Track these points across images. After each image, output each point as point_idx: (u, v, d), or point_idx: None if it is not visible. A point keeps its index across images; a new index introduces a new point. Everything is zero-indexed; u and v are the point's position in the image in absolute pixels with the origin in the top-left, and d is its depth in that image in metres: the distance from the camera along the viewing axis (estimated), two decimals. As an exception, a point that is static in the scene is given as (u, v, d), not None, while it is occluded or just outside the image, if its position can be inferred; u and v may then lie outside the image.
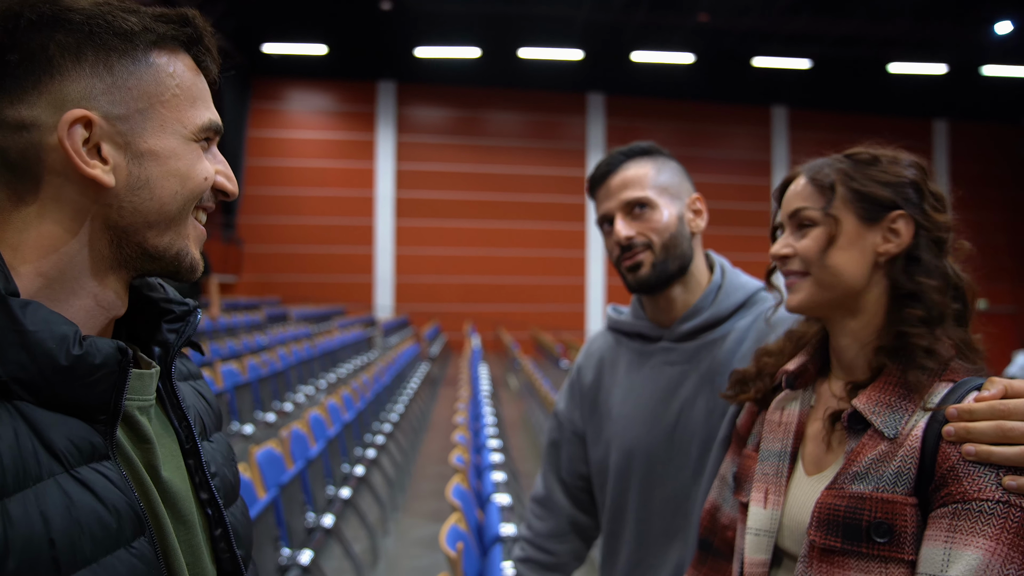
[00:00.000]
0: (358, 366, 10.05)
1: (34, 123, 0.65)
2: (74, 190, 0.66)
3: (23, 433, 0.58)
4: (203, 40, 0.74)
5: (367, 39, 16.36)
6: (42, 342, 0.60)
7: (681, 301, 1.41)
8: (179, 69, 0.71)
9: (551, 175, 18.08)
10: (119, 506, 0.62)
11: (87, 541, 0.58)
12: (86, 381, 0.62)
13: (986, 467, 0.86)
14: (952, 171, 19.52)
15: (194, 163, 0.71)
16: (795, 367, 1.09)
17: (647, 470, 1.39)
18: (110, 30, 0.67)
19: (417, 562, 4.42)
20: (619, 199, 1.39)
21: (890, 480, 0.91)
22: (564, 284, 18.10)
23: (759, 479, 1.07)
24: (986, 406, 0.88)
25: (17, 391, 0.59)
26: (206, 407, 0.84)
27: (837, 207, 1.02)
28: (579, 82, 17.91)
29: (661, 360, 1.42)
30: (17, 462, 0.56)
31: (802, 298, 1.04)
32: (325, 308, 15.56)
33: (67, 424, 0.61)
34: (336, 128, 17.74)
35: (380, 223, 17.52)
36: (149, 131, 0.69)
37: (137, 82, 0.68)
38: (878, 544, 0.89)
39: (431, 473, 6.36)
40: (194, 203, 0.72)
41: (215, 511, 0.75)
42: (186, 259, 0.73)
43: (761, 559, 1.03)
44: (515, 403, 10.18)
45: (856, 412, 0.97)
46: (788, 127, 19.02)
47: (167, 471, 0.70)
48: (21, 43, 0.64)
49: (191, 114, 0.72)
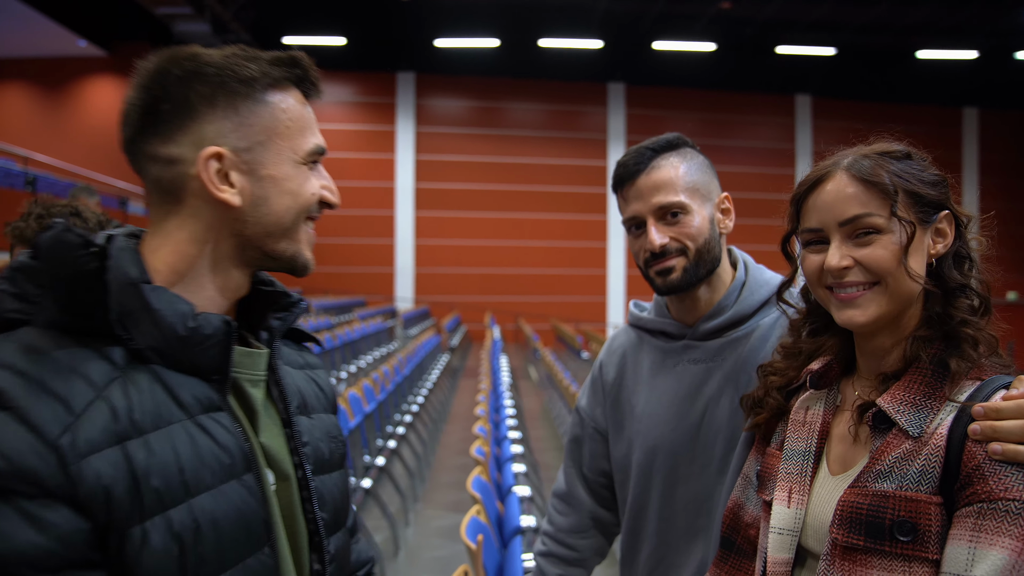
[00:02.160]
0: (379, 357, 10.09)
1: (181, 158, 0.83)
2: (209, 209, 0.84)
3: (156, 388, 0.77)
4: (309, 76, 0.90)
5: (386, 30, 16.37)
6: (166, 317, 0.78)
7: (705, 300, 1.39)
8: (290, 104, 0.88)
9: (571, 165, 18.00)
10: (231, 447, 0.80)
11: (207, 471, 0.77)
12: (202, 347, 0.80)
13: (1013, 466, 0.84)
14: (981, 160, 19.14)
15: (303, 183, 0.88)
16: (820, 366, 1.07)
17: (670, 468, 1.37)
18: (236, 78, 0.84)
19: (437, 552, 4.44)
20: (651, 203, 1.33)
21: (914, 479, 0.90)
22: (584, 275, 18.04)
23: (783, 478, 1.05)
24: (1014, 404, 0.86)
25: (151, 356, 0.78)
26: (316, 391, 1.00)
27: (902, 210, 0.96)
28: (599, 71, 17.79)
29: (685, 358, 1.40)
30: (153, 409, 0.75)
31: (873, 313, 0.97)
32: (346, 299, 15.65)
33: (190, 382, 0.80)
34: (356, 119, 17.78)
35: (400, 214, 17.56)
36: (268, 159, 0.85)
37: (257, 119, 0.85)
38: (901, 543, 0.88)
39: (451, 464, 6.39)
40: (305, 215, 0.89)
41: (303, 474, 0.89)
42: (299, 260, 0.90)
43: (784, 558, 1.02)
44: (535, 394, 10.18)
45: (881, 412, 0.96)
46: (812, 116, 18.75)
47: (267, 436, 0.87)
48: (171, 95, 0.82)
49: (300, 142, 0.88)
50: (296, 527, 0.88)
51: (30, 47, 15.08)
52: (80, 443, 0.69)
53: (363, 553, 1.09)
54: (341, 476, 0.98)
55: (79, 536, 0.68)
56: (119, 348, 0.76)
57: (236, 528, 0.78)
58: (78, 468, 0.68)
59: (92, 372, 0.73)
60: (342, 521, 0.96)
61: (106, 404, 0.72)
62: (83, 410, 0.71)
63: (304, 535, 0.88)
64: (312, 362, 1.06)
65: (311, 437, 0.93)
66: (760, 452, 1.17)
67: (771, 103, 18.72)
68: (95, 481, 0.69)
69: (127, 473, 0.71)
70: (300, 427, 0.91)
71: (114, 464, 0.70)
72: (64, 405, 0.70)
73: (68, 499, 0.68)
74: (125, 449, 0.72)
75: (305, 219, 0.90)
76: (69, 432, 0.69)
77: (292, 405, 0.92)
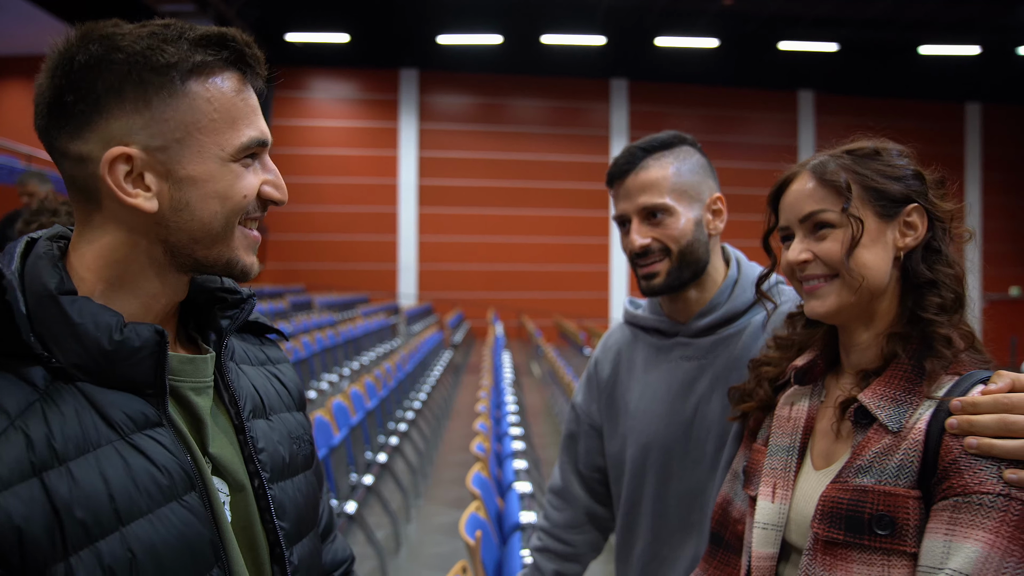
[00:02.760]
0: (381, 354, 10.11)
1: (89, 156, 0.74)
2: (126, 212, 0.75)
3: (83, 408, 0.70)
4: (245, 56, 0.79)
5: (389, 27, 16.36)
6: (88, 331, 0.71)
7: (696, 299, 1.41)
8: (217, 92, 0.77)
9: (574, 162, 17.98)
10: (170, 466, 0.73)
11: (143, 496, 0.70)
12: (130, 361, 0.72)
13: (988, 460, 0.86)
14: (985, 155, 19.08)
15: (232, 183, 0.77)
16: (804, 363, 1.09)
17: (663, 464, 1.39)
18: (148, 66, 0.73)
19: (439, 548, 4.45)
20: (636, 203, 1.36)
21: (893, 473, 0.91)
22: (587, 271, 18.03)
23: (767, 473, 1.07)
24: (990, 399, 0.88)
25: (76, 374, 0.71)
26: (278, 389, 0.93)
27: (856, 207, 1.00)
28: (602, 68, 17.75)
29: (678, 355, 1.41)
30: (77, 433, 0.68)
31: (832, 303, 1.01)
32: (349, 296, 15.66)
33: (121, 399, 0.72)
34: (359, 116, 17.78)
35: (403, 211, 17.56)
36: (187, 158, 0.75)
37: (174, 113, 0.75)
38: (880, 536, 0.90)
39: (453, 460, 6.40)
40: (237, 218, 0.79)
41: (259, 483, 0.83)
42: (236, 266, 0.81)
43: (769, 552, 1.03)
44: (538, 390, 10.18)
45: (862, 407, 0.97)
46: (815, 112, 18.69)
47: (216, 446, 0.80)
48: (75, 85, 0.73)
49: (229, 136, 0.77)
50: (255, 539, 0.82)
51: (32, 44, 15.06)
52: None
53: (340, 553, 1.05)
54: (306, 479, 0.91)
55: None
56: (39, 368, 0.70)
57: (179, 554, 0.71)
58: None
59: (4, 398, 0.67)
60: (308, 527, 0.90)
61: (20, 433, 0.66)
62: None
63: (264, 547, 0.82)
64: (274, 356, 0.99)
65: (268, 442, 0.86)
66: (747, 448, 1.18)
67: (774, 99, 18.67)
68: (5, 522, 0.63)
69: (45, 507, 0.65)
70: (254, 433, 0.85)
71: (27, 500, 0.64)
72: None
73: None
74: (43, 481, 0.65)
75: (243, 220, 0.80)
76: None
77: (244, 410, 0.85)
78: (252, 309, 0.91)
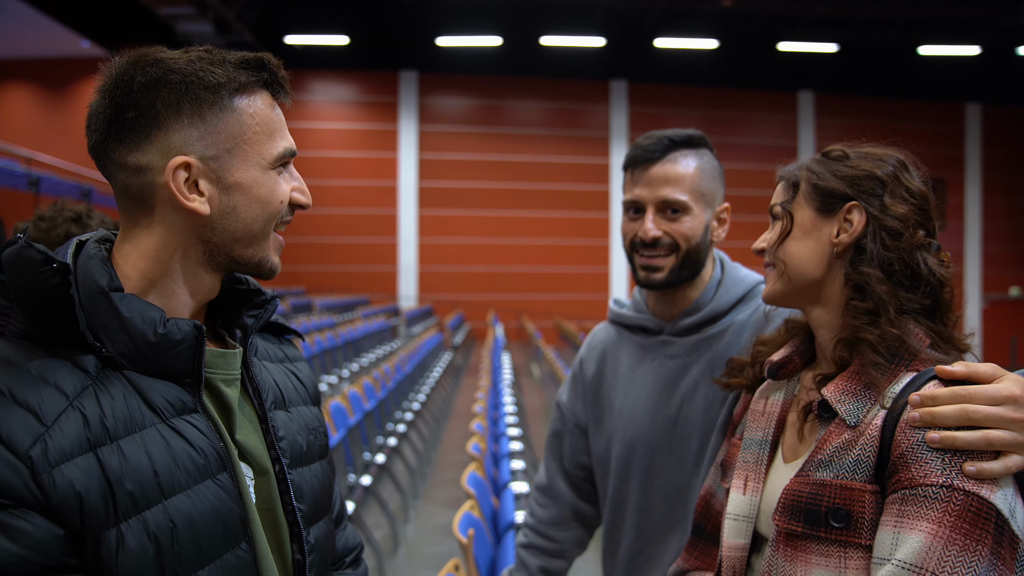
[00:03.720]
0: (381, 355, 10.11)
1: (148, 167, 0.83)
2: (178, 216, 0.84)
3: (129, 393, 0.79)
4: (277, 78, 0.89)
5: (388, 29, 16.38)
6: (136, 325, 0.79)
7: (683, 297, 1.42)
8: (258, 108, 0.87)
9: (574, 163, 17.99)
10: (205, 448, 0.81)
11: (182, 473, 0.78)
12: (172, 352, 0.81)
13: (935, 452, 0.87)
14: (985, 155, 19.06)
15: (273, 188, 0.88)
16: (779, 358, 1.11)
17: (648, 462, 1.40)
18: (201, 85, 0.83)
19: (437, 548, 4.46)
20: (657, 193, 1.35)
21: (850, 467, 0.93)
22: (588, 273, 18.03)
23: (740, 466, 1.09)
24: (949, 391, 0.89)
25: (123, 363, 0.80)
26: (295, 384, 1.02)
27: (797, 202, 1.07)
28: (602, 69, 17.76)
29: (662, 353, 1.42)
30: (125, 415, 0.77)
31: (769, 288, 1.10)
32: (349, 298, 15.67)
33: (162, 387, 0.81)
34: (358, 119, 17.80)
35: (403, 213, 17.57)
36: (235, 166, 0.85)
37: (224, 126, 0.84)
38: (836, 529, 0.92)
39: (452, 461, 6.40)
40: (275, 221, 0.89)
41: (280, 468, 0.91)
42: (266, 265, 0.90)
43: (740, 543, 1.05)
44: (537, 392, 10.18)
45: (825, 401, 0.99)
46: (815, 113, 18.70)
47: (243, 433, 0.89)
48: (136, 103, 0.82)
49: (269, 147, 0.87)
50: (276, 520, 0.90)
51: (33, 48, 15.14)
52: (52, 453, 0.71)
53: (350, 540, 1.12)
54: (321, 467, 0.99)
55: (54, 542, 0.70)
56: (91, 356, 0.78)
57: (212, 526, 0.79)
58: (50, 477, 0.71)
59: (63, 382, 0.75)
60: (323, 511, 0.97)
61: (78, 413, 0.74)
62: (54, 420, 0.73)
63: (284, 527, 0.90)
64: (292, 355, 1.08)
65: (288, 431, 0.94)
66: (727, 442, 1.20)
67: (773, 100, 18.68)
68: (68, 489, 0.71)
69: (100, 478, 0.73)
70: (276, 422, 0.93)
71: (86, 471, 0.72)
72: (35, 416, 0.72)
73: (41, 508, 0.70)
74: (98, 455, 0.74)
75: (277, 224, 0.90)
76: (40, 442, 0.71)
77: (267, 401, 0.93)
78: (275, 309, 1.00)
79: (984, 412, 0.87)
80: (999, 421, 0.86)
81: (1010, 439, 0.86)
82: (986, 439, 0.86)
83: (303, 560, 0.90)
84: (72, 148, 14.31)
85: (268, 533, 0.88)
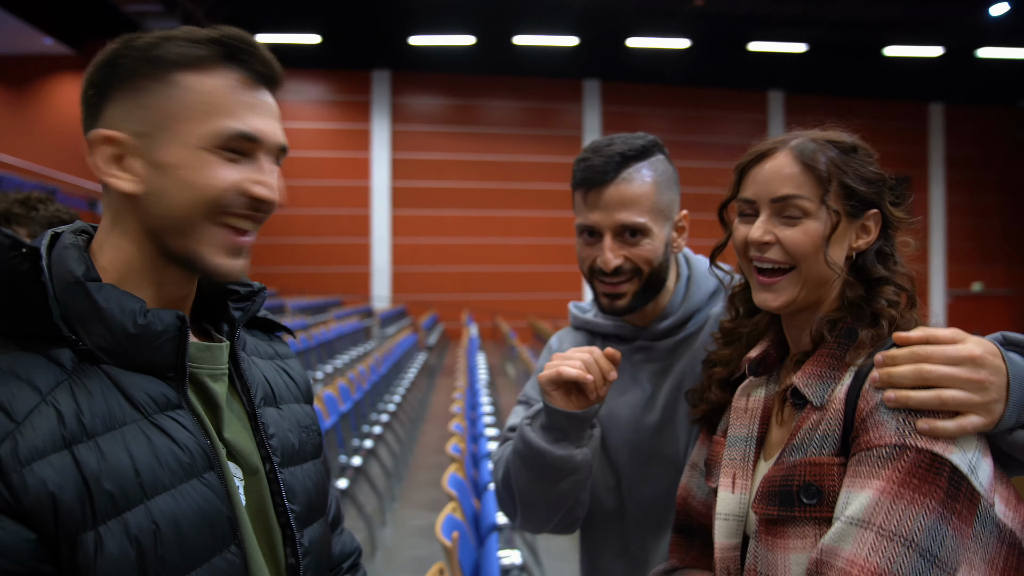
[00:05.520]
0: (355, 357, 10.03)
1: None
2: (120, 200, 0.80)
3: (108, 389, 0.74)
4: (237, 52, 0.81)
5: (361, 28, 16.23)
6: (114, 315, 0.75)
7: (652, 308, 1.37)
8: (209, 86, 0.79)
9: (547, 162, 18.01)
10: (190, 445, 0.77)
11: (165, 472, 0.74)
12: (153, 344, 0.77)
13: (891, 414, 0.87)
14: (948, 153, 19.47)
15: (203, 171, 0.78)
16: (757, 354, 1.09)
17: (635, 469, 1.36)
18: (144, 60, 0.78)
19: (415, 552, 4.43)
20: (614, 218, 1.25)
21: (818, 444, 0.93)
22: (561, 272, 18.06)
23: (727, 464, 1.07)
24: (907, 351, 0.89)
25: (102, 357, 0.75)
26: (287, 381, 0.98)
27: (832, 200, 0.98)
28: (575, 68, 17.80)
29: (640, 359, 1.38)
30: (104, 411, 0.72)
31: (787, 298, 1.00)
32: (322, 299, 15.52)
33: (144, 381, 0.77)
34: (330, 118, 17.63)
35: (376, 213, 17.45)
36: (164, 145, 0.78)
37: (158, 101, 0.78)
38: (808, 506, 0.91)
39: (429, 463, 6.37)
40: (210, 210, 0.79)
41: (271, 467, 0.86)
42: (199, 263, 0.80)
43: (731, 543, 1.03)
44: (513, 391, 10.17)
45: (796, 388, 0.98)
46: (784, 112, 18.93)
47: (231, 431, 0.84)
48: (93, 80, 0.80)
49: (208, 125, 0.78)
50: (268, 522, 0.85)
51: None
52: (22, 451, 0.67)
53: (348, 545, 1.08)
54: (315, 467, 0.95)
55: (25, 547, 0.66)
56: (67, 350, 0.74)
57: (199, 528, 0.75)
58: (20, 477, 0.66)
59: (36, 376, 0.71)
60: (318, 513, 0.93)
61: (52, 408, 0.70)
62: (25, 416, 0.68)
63: (277, 529, 0.86)
64: (282, 351, 1.04)
65: (278, 428, 0.90)
66: (706, 441, 1.19)
67: (744, 99, 18.87)
68: (40, 489, 0.66)
69: (76, 478, 0.68)
70: (266, 419, 0.89)
71: (60, 470, 0.68)
72: (4, 412, 0.68)
73: (11, 510, 0.66)
74: (74, 453, 0.69)
75: (218, 216, 0.80)
76: (9, 439, 0.67)
77: (256, 397, 0.89)
78: (263, 302, 0.95)
79: (939, 372, 0.85)
80: (955, 381, 0.85)
81: (964, 399, 0.84)
82: (939, 398, 0.85)
83: (297, 564, 0.86)
84: (35, 147, 13.99)
85: (260, 536, 0.84)
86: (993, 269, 19.32)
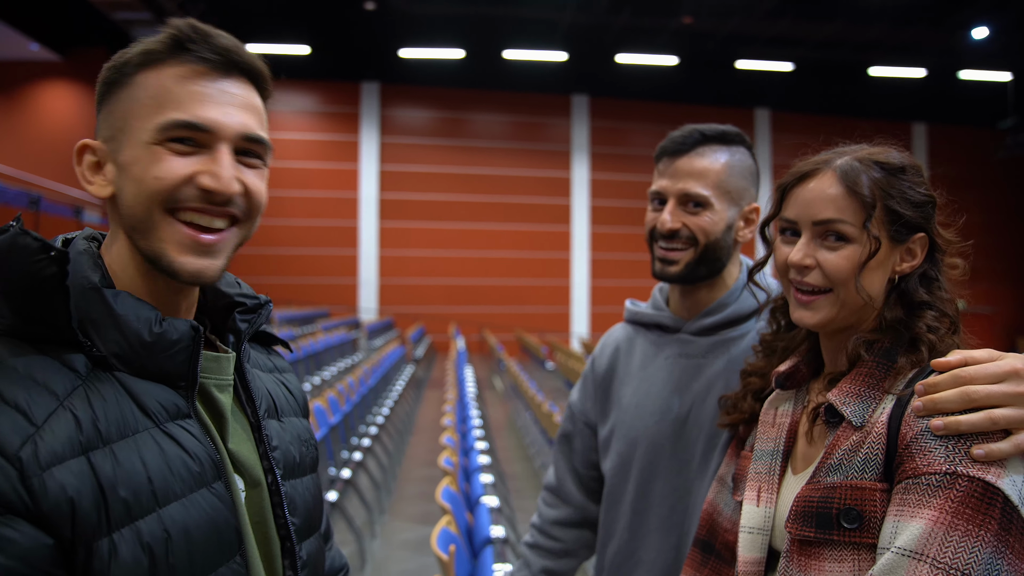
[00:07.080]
0: (343, 369, 9.98)
1: None
2: (109, 206, 0.81)
3: (121, 396, 0.74)
4: (189, 43, 0.79)
5: (351, 40, 16.28)
6: (130, 323, 0.75)
7: (706, 297, 1.40)
8: (158, 81, 0.78)
9: (536, 176, 18.08)
10: (200, 455, 0.77)
11: (176, 480, 0.74)
12: (167, 353, 0.77)
13: (939, 440, 0.85)
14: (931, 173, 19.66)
15: (148, 166, 0.77)
16: (786, 368, 1.09)
17: (649, 462, 1.37)
18: (115, 69, 0.80)
19: (404, 565, 4.39)
20: (679, 186, 1.33)
21: (859, 467, 0.91)
22: (549, 286, 18.10)
23: (752, 478, 1.06)
24: (949, 375, 0.87)
25: (115, 364, 0.75)
26: (286, 395, 0.98)
27: (875, 226, 0.97)
28: (563, 84, 17.93)
29: (677, 351, 1.40)
30: (118, 418, 0.72)
31: (824, 317, 1.00)
32: (309, 311, 15.44)
33: (156, 389, 0.76)
34: (319, 129, 17.63)
35: (364, 225, 17.43)
36: (124, 145, 0.78)
37: (118, 104, 0.79)
38: (848, 530, 0.89)
39: (417, 476, 6.33)
40: (164, 206, 0.77)
41: (273, 480, 0.87)
42: (163, 261, 0.78)
43: (756, 557, 1.02)
44: (500, 405, 10.16)
45: (831, 406, 0.97)
46: (770, 129, 19.15)
47: (235, 442, 0.84)
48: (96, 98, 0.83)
49: (155, 119, 0.77)
50: (268, 534, 0.85)
51: (-19, 52, 14.66)
52: (42, 455, 0.66)
53: (337, 560, 1.08)
54: (313, 480, 0.96)
55: (42, 552, 0.65)
56: (81, 356, 0.73)
57: (207, 537, 0.75)
58: (40, 481, 0.65)
59: (53, 381, 0.70)
60: (315, 526, 0.94)
61: (69, 413, 0.69)
62: (44, 420, 0.68)
63: (276, 541, 0.86)
64: (281, 365, 1.04)
65: (281, 441, 0.90)
66: (735, 456, 1.19)
67: (731, 116, 18.52)
68: (59, 493, 0.66)
69: (93, 484, 0.68)
70: (269, 431, 0.89)
71: (79, 475, 0.67)
72: (24, 416, 0.67)
73: (30, 514, 0.65)
74: (90, 459, 0.69)
75: (175, 212, 0.78)
76: (30, 443, 0.66)
77: (260, 409, 0.89)
78: (269, 314, 0.96)
79: (985, 391, 0.84)
80: (1002, 398, 0.83)
81: (1015, 416, 0.82)
82: (990, 419, 0.83)
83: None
84: (21, 154, 13.87)
85: (259, 547, 0.84)
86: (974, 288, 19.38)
